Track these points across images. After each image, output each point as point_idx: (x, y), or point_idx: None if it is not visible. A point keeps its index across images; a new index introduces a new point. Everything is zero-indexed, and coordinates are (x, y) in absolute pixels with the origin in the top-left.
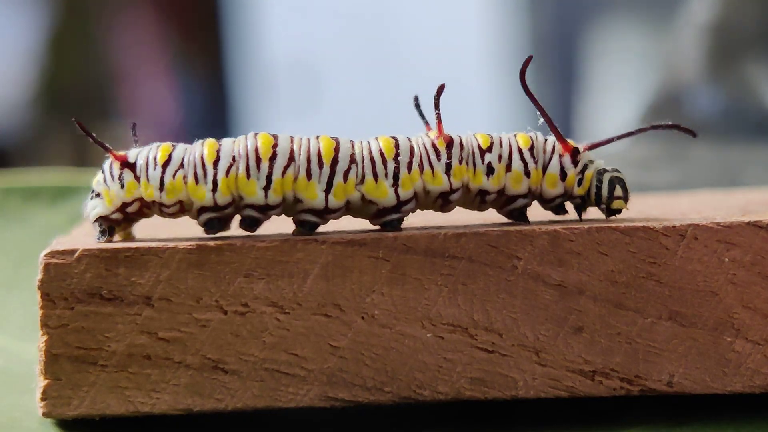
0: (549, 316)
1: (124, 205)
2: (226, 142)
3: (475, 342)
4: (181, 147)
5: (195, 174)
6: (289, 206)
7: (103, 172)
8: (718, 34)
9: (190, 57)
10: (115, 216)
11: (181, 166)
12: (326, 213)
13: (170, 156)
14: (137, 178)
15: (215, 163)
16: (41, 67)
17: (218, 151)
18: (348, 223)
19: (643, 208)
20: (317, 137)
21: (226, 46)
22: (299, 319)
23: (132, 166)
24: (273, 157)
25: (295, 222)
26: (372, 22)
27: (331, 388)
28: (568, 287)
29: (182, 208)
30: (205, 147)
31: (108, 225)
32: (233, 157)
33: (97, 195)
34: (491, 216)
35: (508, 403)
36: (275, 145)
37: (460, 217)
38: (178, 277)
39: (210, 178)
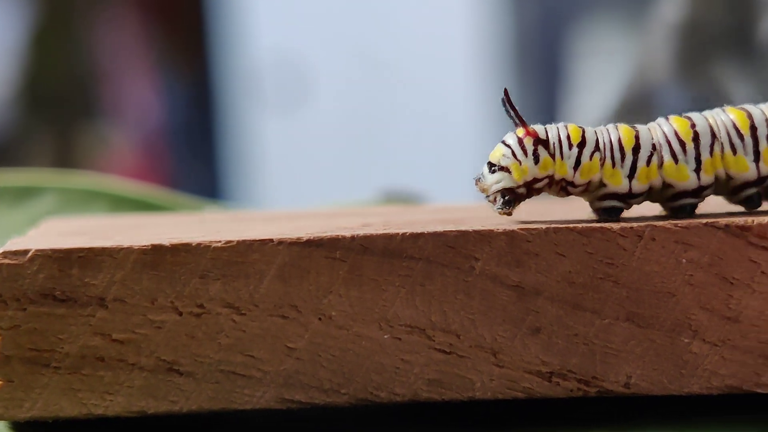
0: (506, 317)
1: (535, 180)
2: (643, 129)
3: (433, 343)
4: (590, 129)
5: (612, 158)
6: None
7: (509, 146)
8: (687, 33)
9: (174, 55)
10: (520, 190)
11: (597, 148)
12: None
13: (583, 137)
14: (552, 156)
15: (635, 150)
16: (23, 66)
17: (637, 138)
18: (307, 224)
19: None
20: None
21: (211, 44)
22: (255, 321)
23: (545, 143)
24: (696, 137)
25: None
26: (358, 20)
27: (288, 389)
28: (525, 288)
29: (586, 189)
30: (621, 131)
31: (512, 197)
32: (653, 146)
33: (501, 169)
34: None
35: (467, 404)
36: (694, 124)
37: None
38: (132, 278)
39: (628, 164)
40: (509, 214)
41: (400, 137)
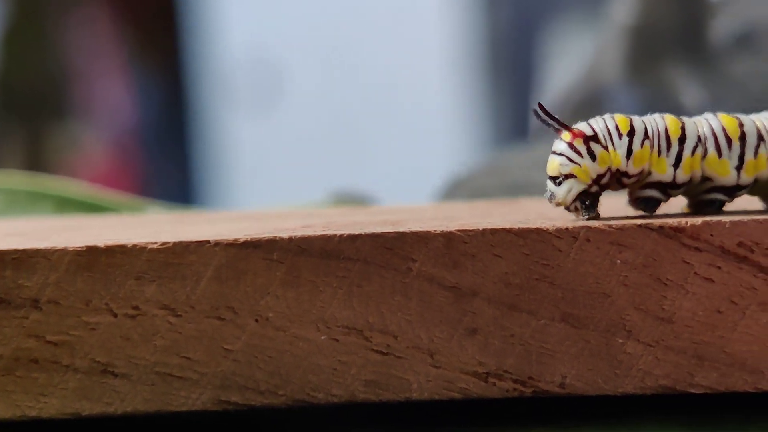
0: (443, 318)
1: (599, 177)
2: (689, 121)
3: (370, 344)
4: (637, 118)
5: (659, 146)
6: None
7: (561, 154)
8: (638, 35)
9: (146, 55)
10: (593, 189)
11: (646, 136)
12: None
13: (632, 125)
14: (605, 148)
15: (680, 140)
16: None
17: (683, 128)
18: (246, 225)
19: (543, 210)
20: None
21: (184, 44)
22: (192, 322)
23: (595, 138)
24: (743, 137)
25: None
26: (332, 21)
27: (224, 391)
28: (462, 289)
29: (638, 179)
30: (667, 121)
31: (589, 200)
32: (698, 138)
33: (566, 177)
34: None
35: (405, 404)
36: (742, 123)
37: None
38: (66, 279)
39: (674, 153)
40: (597, 217)
41: (374, 138)
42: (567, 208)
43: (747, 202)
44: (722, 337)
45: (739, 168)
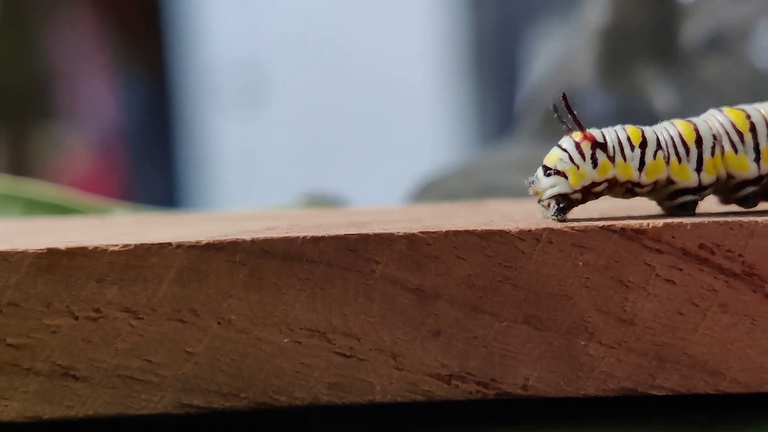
0: (406, 320)
1: (593, 184)
2: (699, 121)
3: (333, 347)
4: (647, 128)
5: (677, 154)
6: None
7: (565, 150)
8: (609, 38)
9: (130, 56)
10: (575, 196)
11: (659, 146)
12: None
13: (644, 137)
14: (611, 159)
15: (698, 143)
16: None
17: (696, 130)
18: (210, 227)
19: (508, 212)
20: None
21: (168, 44)
22: (153, 325)
23: (603, 147)
24: (753, 128)
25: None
26: (317, 21)
27: (186, 394)
28: (425, 291)
29: (653, 189)
30: (679, 127)
31: (566, 203)
32: (714, 136)
33: (557, 173)
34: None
35: (368, 407)
36: (749, 115)
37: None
38: (27, 281)
39: (694, 157)
40: (563, 220)
41: (359, 139)
42: (540, 201)
43: (709, 203)
44: (683, 339)
45: (757, 159)
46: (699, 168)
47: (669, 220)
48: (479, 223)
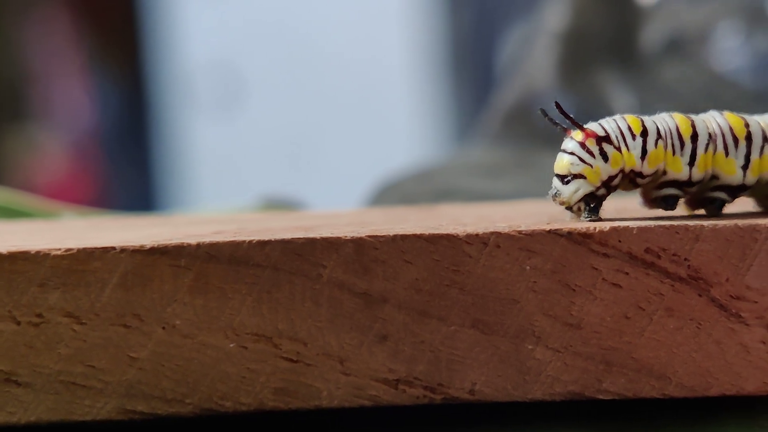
0: (353, 325)
1: (610, 178)
2: (698, 119)
3: (279, 352)
4: (646, 117)
5: (672, 145)
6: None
7: (572, 153)
8: (569, 41)
9: (106, 57)
10: (600, 192)
11: (659, 135)
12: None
13: (644, 125)
14: (618, 149)
15: (693, 138)
16: None
17: (693, 126)
18: (157, 231)
19: (459, 215)
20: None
21: (144, 46)
22: (97, 330)
23: (607, 139)
24: (749, 136)
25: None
26: (294, 23)
27: (129, 400)
28: (372, 296)
29: (654, 179)
30: (677, 120)
31: (595, 203)
32: (710, 135)
33: (575, 177)
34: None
35: (315, 412)
36: (747, 123)
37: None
38: None
39: (688, 151)
40: (599, 220)
41: (336, 141)
42: (569, 208)
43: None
44: (629, 343)
45: (745, 167)
46: (692, 163)
47: (616, 224)
48: (428, 227)
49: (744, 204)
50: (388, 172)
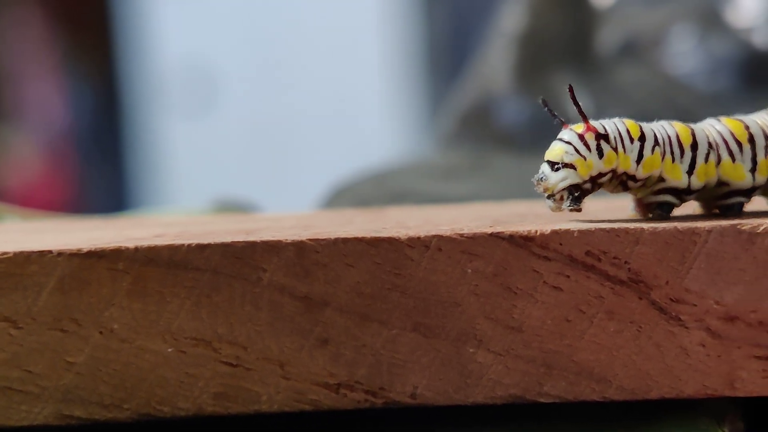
0: (294, 329)
1: (600, 175)
2: (697, 128)
3: (219, 356)
4: (644, 124)
5: (672, 153)
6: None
7: (569, 143)
8: (526, 44)
9: (79, 58)
10: (586, 186)
11: (656, 142)
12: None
13: (642, 131)
14: (614, 149)
15: (692, 147)
16: None
17: (693, 135)
18: (97, 235)
19: (403, 219)
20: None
21: (118, 47)
22: (33, 335)
23: (606, 137)
24: (751, 138)
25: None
26: (268, 24)
27: (66, 405)
28: (313, 299)
29: (644, 184)
30: (677, 128)
31: (578, 193)
32: (710, 144)
33: (565, 165)
34: None
35: (255, 417)
36: (747, 126)
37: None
38: None
39: (687, 160)
40: (579, 210)
41: (310, 141)
42: (551, 196)
43: (597, 212)
44: (570, 346)
45: (753, 170)
46: (690, 171)
47: (557, 227)
48: (370, 230)
49: (686, 207)
50: (343, 174)
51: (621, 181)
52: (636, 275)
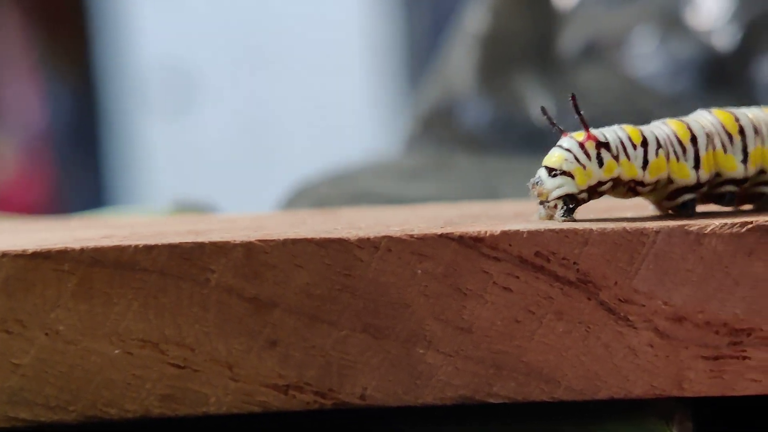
0: (243, 330)
1: (599, 183)
2: (691, 120)
3: (166, 357)
4: (644, 127)
5: (675, 152)
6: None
7: (569, 150)
8: (488, 45)
9: (57, 59)
10: (582, 195)
11: (659, 145)
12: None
13: (643, 135)
14: (615, 158)
15: (693, 141)
16: None
17: (689, 129)
18: (45, 236)
19: (355, 219)
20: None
21: (96, 47)
22: None
23: (606, 146)
24: (741, 130)
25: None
26: (246, 25)
27: (12, 407)
28: (262, 300)
29: (655, 188)
30: (672, 126)
31: (573, 204)
32: (707, 135)
33: (563, 173)
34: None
35: (201, 418)
36: (737, 117)
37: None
38: None
39: (691, 155)
40: (573, 221)
41: (290, 141)
42: (544, 202)
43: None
44: (520, 347)
45: (744, 161)
46: (696, 165)
47: (506, 228)
48: (320, 231)
49: (638, 208)
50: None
51: (630, 188)
52: (585, 276)
